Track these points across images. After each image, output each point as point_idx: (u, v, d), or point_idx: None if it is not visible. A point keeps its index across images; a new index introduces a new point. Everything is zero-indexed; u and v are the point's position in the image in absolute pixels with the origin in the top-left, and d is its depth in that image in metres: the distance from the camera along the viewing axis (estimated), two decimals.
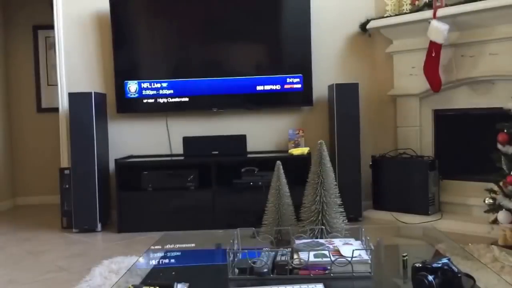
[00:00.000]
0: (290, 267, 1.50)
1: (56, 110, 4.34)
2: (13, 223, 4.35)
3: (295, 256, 1.55)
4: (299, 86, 4.07)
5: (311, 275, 1.48)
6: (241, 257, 1.62)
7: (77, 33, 4.23)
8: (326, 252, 1.54)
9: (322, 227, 1.82)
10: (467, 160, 3.83)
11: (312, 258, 1.51)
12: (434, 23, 3.56)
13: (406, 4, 3.92)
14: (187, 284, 1.41)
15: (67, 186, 3.93)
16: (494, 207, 2.98)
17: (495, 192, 3.00)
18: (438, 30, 3.54)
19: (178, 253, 2.07)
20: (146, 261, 1.93)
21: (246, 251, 1.62)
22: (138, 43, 4.10)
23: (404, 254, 1.56)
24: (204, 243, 2.20)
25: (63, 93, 4.20)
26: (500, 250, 2.72)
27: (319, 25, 4.17)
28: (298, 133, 4.10)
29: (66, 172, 3.94)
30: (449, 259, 1.36)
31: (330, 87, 4.00)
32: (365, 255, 1.51)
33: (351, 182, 3.76)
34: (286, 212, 1.91)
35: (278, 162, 1.94)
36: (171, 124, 4.24)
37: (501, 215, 2.89)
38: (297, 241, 1.70)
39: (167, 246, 2.12)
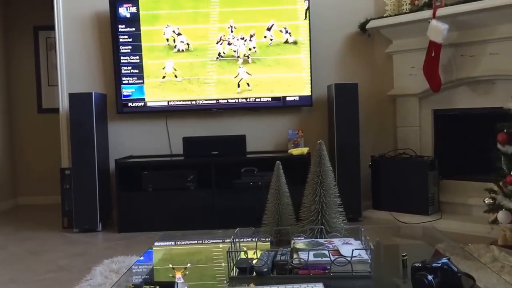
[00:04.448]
0: (290, 266, 1.51)
1: (56, 110, 4.35)
2: (14, 223, 4.36)
3: (295, 256, 1.55)
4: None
5: (311, 274, 1.48)
6: (241, 256, 1.63)
7: (78, 34, 4.24)
8: (326, 252, 1.54)
9: (322, 227, 1.82)
10: (466, 160, 3.83)
11: (311, 258, 1.52)
12: (434, 22, 3.56)
13: (406, 4, 3.93)
14: (187, 284, 1.41)
15: (67, 186, 3.93)
16: (494, 207, 2.98)
17: (495, 192, 2.99)
18: (438, 30, 3.54)
19: (178, 253, 2.07)
20: (146, 261, 1.94)
21: (246, 250, 1.63)
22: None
23: (404, 254, 1.56)
24: (204, 243, 2.21)
25: (63, 93, 4.21)
26: (500, 250, 2.72)
27: (318, 25, 4.17)
28: (297, 133, 4.11)
29: (67, 172, 3.95)
30: (448, 259, 1.36)
31: (330, 87, 4.01)
32: (364, 255, 1.52)
33: (351, 182, 3.76)
34: (285, 212, 1.91)
35: (278, 162, 1.94)
36: (171, 125, 4.24)
37: (501, 215, 2.89)
38: (297, 241, 1.70)
39: (167, 246, 2.13)
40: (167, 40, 4.07)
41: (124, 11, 4.06)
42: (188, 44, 4.06)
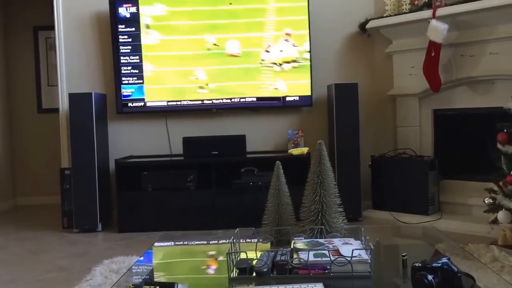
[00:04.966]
0: (290, 266, 1.51)
1: (56, 110, 4.35)
2: (14, 223, 4.36)
3: (295, 256, 1.55)
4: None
5: (311, 274, 1.48)
6: (241, 257, 1.63)
7: (77, 34, 4.23)
8: (326, 252, 1.54)
9: (322, 227, 1.82)
10: (466, 160, 3.83)
11: (311, 258, 1.52)
12: (434, 22, 3.56)
13: (406, 4, 3.93)
14: (187, 284, 1.41)
15: (67, 186, 3.93)
16: (494, 207, 2.98)
17: (495, 191, 3.00)
18: (438, 30, 3.54)
19: (178, 253, 2.07)
20: (146, 261, 1.94)
21: (246, 251, 1.63)
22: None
23: (404, 254, 1.56)
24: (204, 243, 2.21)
25: (63, 93, 4.21)
26: (500, 250, 2.72)
27: (318, 25, 4.17)
28: (297, 133, 4.11)
29: (67, 172, 3.95)
30: (448, 259, 1.36)
31: (330, 87, 4.01)
32: (364, 255, 1.52)
33: (351, 181, 3.76)
34: (285, 212, 1.91)
35: (278, 162, 1.94)
36: (170, 125, 4.24)
37: (501, 215, 2.89)
38: (297, 241, 1.70)
39: (167, 246, 2.13)
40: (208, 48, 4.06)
41: (124, 11, 4.06)
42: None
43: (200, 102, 4.09)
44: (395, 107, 4.18)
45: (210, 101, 4.09)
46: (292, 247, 1.66)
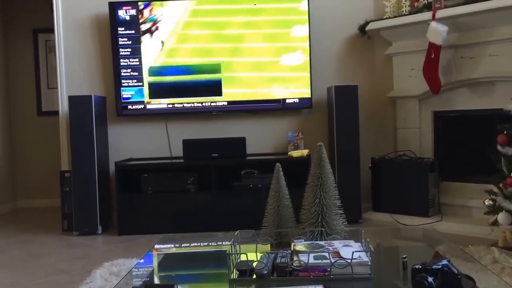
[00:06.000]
0: (290, 269, 1.51)
1: (56, 113, 4.35)
2: (14, 226, 4.36)
3: (295, 258, 1.56)
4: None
5: (311, 277, 1.48)
6: (241, 259, 1.63)
7: (77, 37, 4.24)
8: (326, 254, 1.55)
9: (322, 229, 1.82)
10: (467, 162, 3.83)
11: (312, 260, 1.52)
12: (433, 24, 3.56)
13: (406, 6, 3.93)
14: (187, 286, 1.41)
15: (67, 189, 3.93)
16: (494, 209, 2.98)
17: (495, 193, 2.99)
18: (437, 32, 3.54)
19: (178, 255, 2.07)
20: (146, 263, 1.94)
21: (246, 253, 1.63)
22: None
23: (404, 256, 1.57)
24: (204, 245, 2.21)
25: (63, 96, 4.21)
26: (500, 251, 2.72)
27: (318, 27, 4.17)
28: (297, 136, 4.11)
29: (67, 175, 3.95)
30: (449, 261, 1.36)
31: (330, 89, 4.01)
32: (365, 257, 1.52)
33: (351, 184, 3.76)
34: (285, 214, 1.91)
35: (278, 164, 1.95)
36: (170, 127, 4.24)
37: (501, 217, 2.89)
38: (297, 243, 1.70)
39: (167, 248, 2.13)
40: None
41: (124, 13, 4.06)
42: None
43: (200, 104, 4.09)
44: (395, 109, 4.18)
45: (210, 104, 4.09)
46: (292, 249, 1.66)
